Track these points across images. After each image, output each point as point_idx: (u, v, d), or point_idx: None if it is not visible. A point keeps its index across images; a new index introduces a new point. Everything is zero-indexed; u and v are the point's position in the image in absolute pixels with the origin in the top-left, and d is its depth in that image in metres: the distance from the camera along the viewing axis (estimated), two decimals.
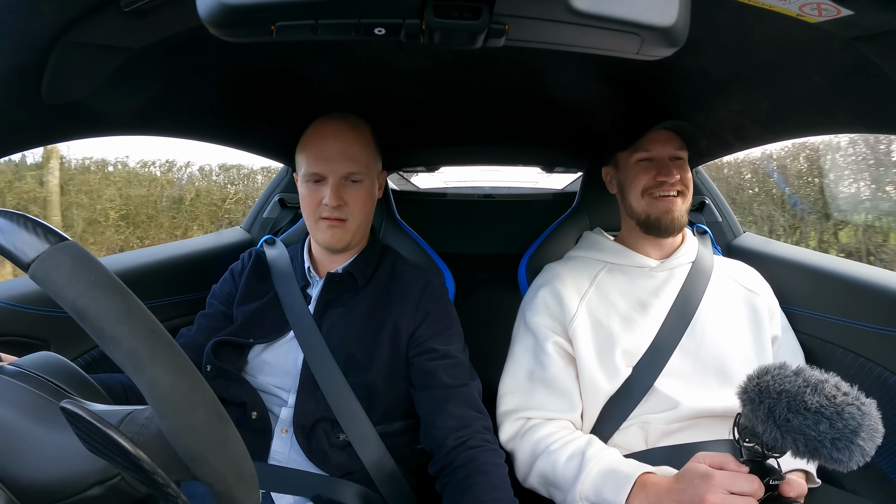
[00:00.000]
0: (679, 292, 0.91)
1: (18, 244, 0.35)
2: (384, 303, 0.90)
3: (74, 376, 0.46)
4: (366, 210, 0.91)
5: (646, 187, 0.94)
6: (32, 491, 0.38)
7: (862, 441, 0.53)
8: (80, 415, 0.33)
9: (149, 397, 0.34)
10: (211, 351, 0.86)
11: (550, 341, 0.89)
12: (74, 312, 0.34)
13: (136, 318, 0.34)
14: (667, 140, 0.93)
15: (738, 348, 0.87)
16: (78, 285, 0.34)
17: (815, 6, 0.52)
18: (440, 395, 0.83)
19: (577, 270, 0.97)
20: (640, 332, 0.87)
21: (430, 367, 0.85)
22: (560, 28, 0.42)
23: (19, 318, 0.83)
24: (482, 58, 0.89)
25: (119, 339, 0.34)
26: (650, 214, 0.93)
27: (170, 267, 1.17)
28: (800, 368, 0.58)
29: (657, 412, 0.81)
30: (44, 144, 0.72)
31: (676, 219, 0.92)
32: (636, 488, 0.69)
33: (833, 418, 0.53)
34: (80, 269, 0.34)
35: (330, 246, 0.90)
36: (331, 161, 0.86)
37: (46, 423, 0.40)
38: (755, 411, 0.57)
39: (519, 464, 0.84)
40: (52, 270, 0.34)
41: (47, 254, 0.34)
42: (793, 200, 5.49)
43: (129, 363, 0.34)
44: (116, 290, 0.35)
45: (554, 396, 0.86)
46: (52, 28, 0.55)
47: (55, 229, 0.36)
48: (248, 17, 0.40)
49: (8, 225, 0.35)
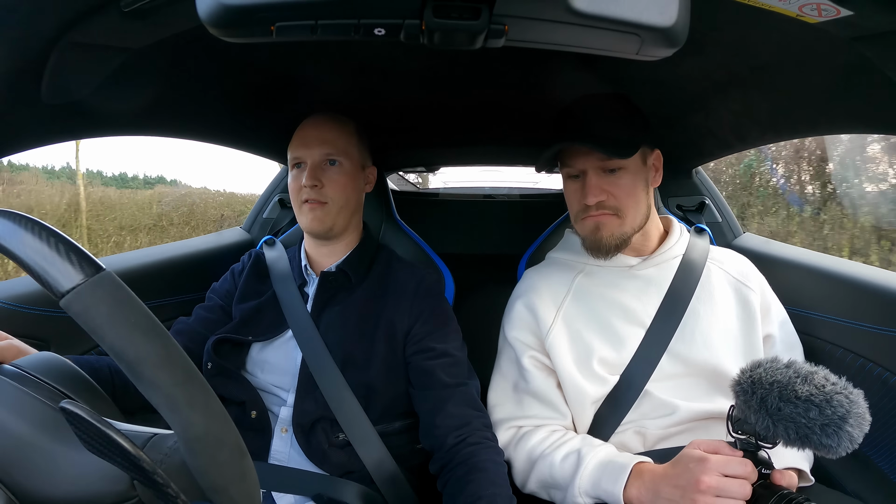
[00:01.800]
0: (667, 293, 0.85)
1: (51, 271, 0.33)
2: (379, 300, 0.90)
3: (75, 377, 0.46)
4: (346, 194, 0.91)
5: (576, 212, 0.86)
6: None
7: (850, 427, 0.55)
8: (80, 415, 0.33)
9: (181, 437, 0.35)
10: (212, 348, 0.86)
11: (527, 356, 0.86)
12: (112, 352, 0.33)
13: (174, 363, 0.35)
14: (589, 151, 0.81)
15: (730, 351, 0.83)
16: (118, 326, 0.33)
17: (815, 6, 0.52)
18: (440, 395, 0.83)
19: (554, 278, 0.91)
20: (621, 341, 0.83)
21: (428, 367, 0.85)
22: (560, 28, 0.42)
23: (19, 318, 0.83)
24: (482, 58, 0.89)
25: (158, 383, 0.34)
26: (584, 237, 0.86)
27: (170, 267, 1.17)
28: (791, 361, 0.61)
29: (653, 417, 0.80)
30: (44, 144, 0.72)
31: (606, 238, 0.82)
32: (632, 476, 0.69)
33: (822, 405, 0.55)
34: (119, 308, 0.34)
35: (312, 230, 0.91)
36: (308, 145, 0.90)
37: (63, 439, 0.40)
38: (748, 402, 0.60)
39: (516, 471, 0.83)
40: (89, 307, 0.33)
41: (84, 288, 0.33)
42: (793, 200, 5.49)
43: (166, 406, 0.34)
44: (156, 333, 0.35)
45: (542, 406, 0.85)
46: (52, 28, 0.55)
47: (90, 256, 0.34)
48: (248, 17, 0.40)
49: (39, 246, 0.34)
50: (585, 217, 0.84)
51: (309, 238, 0.96)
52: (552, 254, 1.00)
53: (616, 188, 0.82)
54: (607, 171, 0.82)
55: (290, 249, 1.02)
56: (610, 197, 0.82)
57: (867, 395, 0.58)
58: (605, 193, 0.82)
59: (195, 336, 0.91)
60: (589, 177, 0.82)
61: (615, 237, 0.83)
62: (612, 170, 0.82)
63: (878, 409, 0.85)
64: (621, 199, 0.82)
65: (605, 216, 0.82)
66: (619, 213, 0.83)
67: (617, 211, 0.83)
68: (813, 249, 1.24)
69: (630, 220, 0.84)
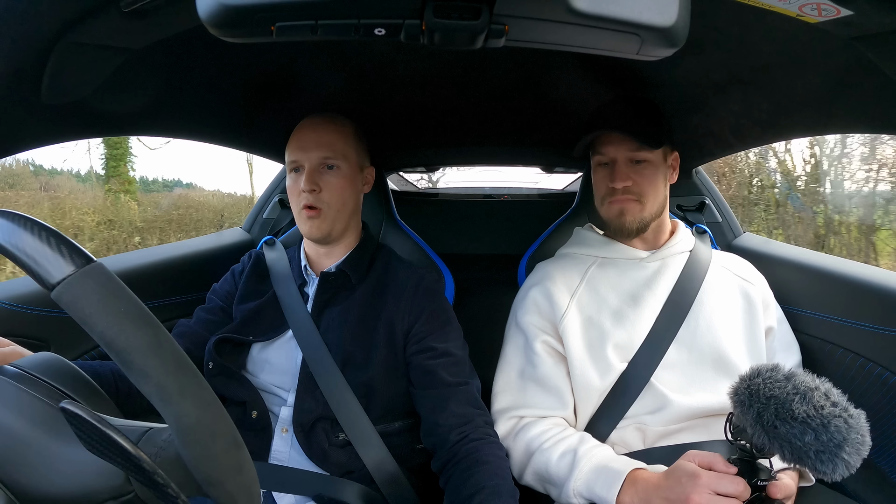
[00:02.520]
0: (676, 283, 0.91)
1: (42, 262, 0.33)
2: (379, 300, 0.90)
3: (75, 378, 0.46)
4: (343, 198, 0.90)
5: (603, 195, 0.94)
6: (43, 503, 0.38)
7: (846, 455, 0.54)
8: (80, 415, 0.33)
9: (174, 427, 0.35)
10: (213, 348, 0.86)
11: (539, 340, 0.89)
12: (102, 341, 0.33)
13: (165, 351, 0.34)
14: (621, 141, 0.90)
15: (733, 337, 0.87)
16: (107, 315, 0.33)
17: (815, 6, 0.52)
18: (442, 394, 0.83)
19: (568, 268, 0.96)
20: (633, 325, 0.87)
21: (430, 366, 0.85)
22: (560, 28, 0.42)
23: (19, 318, 0.83)
24: (482, 58, 0.89)
25: (148, 372, 0.34)
26: (608, 219, 0.94)
27: (170, 267, 1.17)
28: (791, 373, 0.59)
29: (653, 412, 0.81)
30: (44, 145, 0.72)
31: (628, 222, 0.91)
32: (626, 483, 0.70)
33: (818, 430, 0.54)
34: (109, 298, 0.34)
35: (310, 237, 0.91)
36: (306, 149, 0.89)
37: (59, 435, 0.40)
38: (745, 413, 0.59)
39: (514, 462, 0.84)
40: (79, 297, 0.33)
41: (74, 278, 0.33)
42: (793, 200, 5.50)
43: (157, 395, 0.34)
44: (146, 321, 0.34)
45: (545, 394, 0.86)
46: (52, 28, 0.55)
47: (80, 248, 0.35)
48: (248, 17, 0.40)
49: (31, 240, 0.34)
50: (611, 201, 0.92)
51: (308, 241, 0.96)
52: (563, 250, 1.05)
53: (641, 177, 0.90)
54: (634, 162, 0.91)
55: (290, 249, 1.02)
56: (635, 184, 0.90)
57: (867, 395, 0.57)
58: (630, 180, 0.90)
59: (196, 338, 0.91)
60: (618, 164, 0.91)
61: (636, 221, 0.91)
62: (639, 161, 0.91)
63: (879, 409, 0.85)
64: (644, 186, 0.90)
65: (629, 201, 0.91)
66: (640, 200, 0.91)
67: (640, 197, 0.91)
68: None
69: (649, 207, 0.92)
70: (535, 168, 1.87)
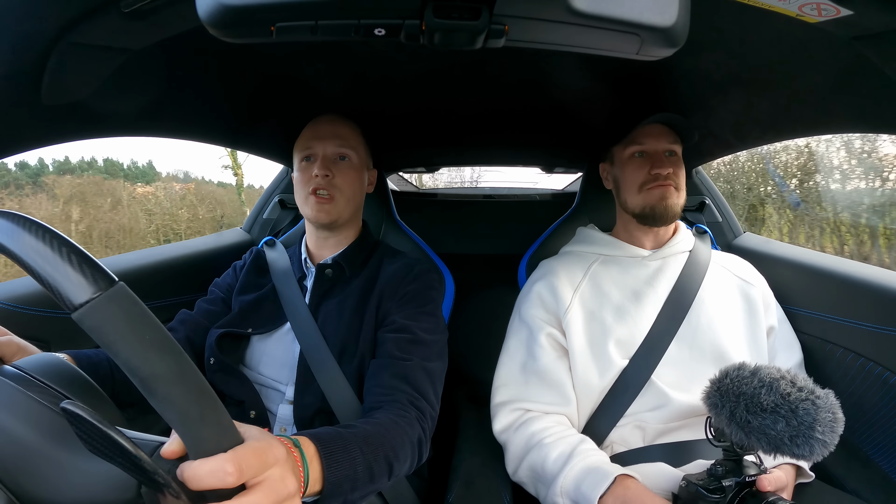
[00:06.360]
0: (676, 281, 0.92)
1: (63, 283, 0.32)
2: (372, 290, 0.90)
3: (76, 379, 0.46)
4: (353, 188, 0.93)
5: (642, 183, 0.95)
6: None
7: (820, 434, 0.55)
8: (81, 415, 0.33)
9: (192, 451, 0.36)
10: (215, 343, 0.87)
11: (544, 333, 0.90)
12: (126, 367, 0.33)
13: (188, 380, 0.35)
14: (660, 134, 0.94)
15: (734, 336, 0.88)
16: (132, 343, 0.33)
17: (815, 6, 0.52)
18: (382, 364, 0.80)
19: (571, 264, 0.98)
20: (634, 321, 0.88)
21: (383, 338, 0.83)
22: (560, 28, 0.42)
23: (19, 319, 0.83)
24: (482, 58, 0.89)
25: (172, 400, 0.34)
26: (646, 205, 0.94)
27: (171, 267, 1.17)
28: (756, 368, 0.61)
29: (653, 409, 0.81)
30: (44, 145, 0.72)
31: (670, 206, 0.93)
32: (615, 485, 0.69)
33: (788, 416, 0.56)
34: (134, 325, 0.33)
35: (318, 220, 0.92)
36: (322, 138, 0.93)
37: (66, 444, 0.39)
38: (719, 415, 0.60)
39: (510, 456, 0.84)
40: (103, 322, 0.32)
41: (98, 302, 0.32)
42: (793, 200, 5.50)
43: (178, 421, 0.35)
44: (170, 350, 0.34)
45: (547, 389, 0.86)
46: (52, 29, 0.55)
47: (103, 268, 0.34)
48: (248, 17, 0.40)
49: (52, 257, 0.33)
50: (652, 187, 0.94)
51: (311, 229, 0.97)
52: (566, 248, 1.07)
53: (675, 167, 0.95)
54: (667, 154, 0.95)
55: (291, 249, 1.03)
56: (671, 173, 0.94)
57: (867, 395, 0.58)
58: (672, 168, 0.94)
59: (197, 326, 0.93)
60: (658, 153, 0.95)
61: (676, 205, 0.94)
62: (670, 153, 0.95)
63: (879, 409, 0.85)
64: (679, 175, 0.95)
65: (669, 186, 0.94)
66: (677, 187, 0.95)
67: (676, 185, 0.95)
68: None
69: (682, 195, 0.96)
70: (535, 168, 1.87)
